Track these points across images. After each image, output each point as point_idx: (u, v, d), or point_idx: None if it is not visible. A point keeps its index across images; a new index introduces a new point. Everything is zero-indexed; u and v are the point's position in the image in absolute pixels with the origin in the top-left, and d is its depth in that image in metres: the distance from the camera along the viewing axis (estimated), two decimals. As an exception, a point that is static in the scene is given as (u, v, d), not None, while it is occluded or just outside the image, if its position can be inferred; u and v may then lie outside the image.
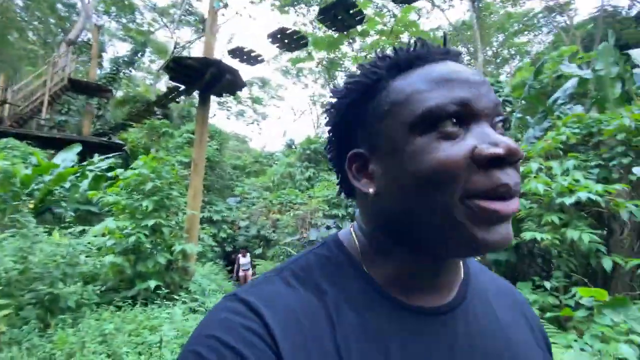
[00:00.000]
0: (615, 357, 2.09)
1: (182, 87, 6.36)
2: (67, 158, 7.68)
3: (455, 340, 0.39)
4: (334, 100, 0.43)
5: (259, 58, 8.06)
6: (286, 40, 7.91)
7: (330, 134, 0.44)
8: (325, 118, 0.44)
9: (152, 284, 4.13)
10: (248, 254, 9.16)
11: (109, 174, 7.13)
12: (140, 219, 4.49)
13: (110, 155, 8.96)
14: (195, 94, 7.10)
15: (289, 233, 8.01)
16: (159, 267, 4.43)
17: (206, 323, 0.35)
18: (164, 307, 3.90)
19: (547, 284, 3.66)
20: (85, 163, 7.71)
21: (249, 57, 7.99)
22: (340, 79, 19.80)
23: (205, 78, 5.61)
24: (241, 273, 8.87)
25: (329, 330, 0.36)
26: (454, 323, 0.40)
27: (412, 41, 0.40)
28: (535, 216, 4.22)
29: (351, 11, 6.68)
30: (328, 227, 7.84)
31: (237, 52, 7.93)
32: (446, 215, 0.34)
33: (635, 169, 3.81)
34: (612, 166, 4.26)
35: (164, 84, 24.65)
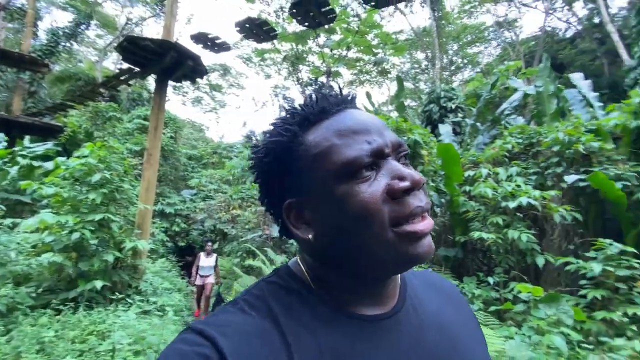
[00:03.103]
0: (548, 347, 2.37)
1: (137, 69, 5.86)
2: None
3: (402, 339, 0.45)
4: (255, 160, 0.47)
5: (225, 46, 7.65)
6: (254, 31, 7.58)
7: (261, 189, 0.49)
8: (253, 174, 0.49)
9: (99, 284, 3.78)
10: (215, 254, 6.65)
11: (46, 164, 6.38)
12: (86, 213, 4.09)
13: (48, 140, 7.99)
14: (151, 77, 6.61)
15: (250, 229, 7.82)
16: (105, 266, 4.08)
17: (163, 355, 0.37)
18: (111, 310, 3.61)
19: (491, 280, 4.02)
20: (17, 148, 6.81)
21: (213, 44, 7.55)
22: (305, 73, 19.54)
23: (164, 62, 5.23)
24: (199, 281, 6.34)
25: (284, 348, 0.39)
26: (398, 325, 0.46)
27: (313, 95, 0.46)
28: (482, 217, 4.59)
29: (323, 9, 6.64)
30: None
31: (201, 38, 7.44)
32: (381, 243, 0.40)
33: (566, 177, 4.31)
34: (547, 174, 4.76)
35: (111, 62, 22.57)
